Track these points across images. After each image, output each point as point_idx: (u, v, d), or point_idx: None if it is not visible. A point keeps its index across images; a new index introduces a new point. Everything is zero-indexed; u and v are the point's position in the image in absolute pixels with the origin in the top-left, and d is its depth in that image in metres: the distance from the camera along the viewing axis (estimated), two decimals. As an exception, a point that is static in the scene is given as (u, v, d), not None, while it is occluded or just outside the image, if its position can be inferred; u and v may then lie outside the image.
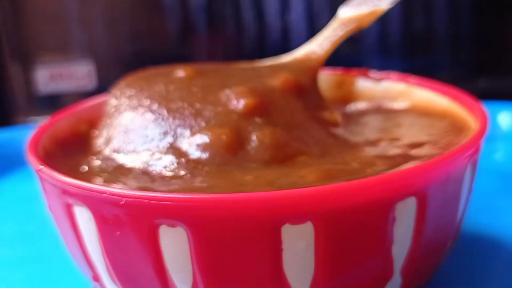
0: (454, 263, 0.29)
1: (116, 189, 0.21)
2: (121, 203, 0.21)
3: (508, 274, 0.30)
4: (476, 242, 0.32)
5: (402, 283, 0.24)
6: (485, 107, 0.28)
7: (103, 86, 0.54)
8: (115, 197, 0.21)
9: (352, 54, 0.57)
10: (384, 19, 0.55)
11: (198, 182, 0.24)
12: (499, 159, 0.43)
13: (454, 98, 0.30)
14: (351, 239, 0.21)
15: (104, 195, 0.21)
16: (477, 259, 0.30)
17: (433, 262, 0.25)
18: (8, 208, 0.40)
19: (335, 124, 0.30)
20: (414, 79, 0.33)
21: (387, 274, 0.23)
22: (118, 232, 0.22)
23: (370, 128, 0.31)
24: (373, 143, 0.28)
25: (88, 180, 0.25)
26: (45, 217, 0.30)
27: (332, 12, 0.54)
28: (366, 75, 0.35)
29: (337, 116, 0.31)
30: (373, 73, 0.35)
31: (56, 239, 0.28)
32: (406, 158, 0.26)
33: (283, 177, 0.24)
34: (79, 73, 0.54)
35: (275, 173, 0.25)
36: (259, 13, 0.55)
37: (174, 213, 0.21)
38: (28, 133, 0.47)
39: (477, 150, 0.24)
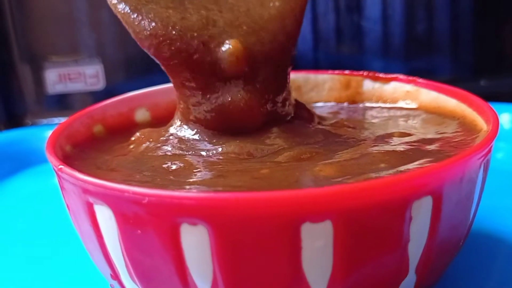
0: (461, 260, 0.29)
1: (138, 188, 0.22)
2: (144, 202, 0.21)
3: (509, 268, 0.30)
4: (480, 240, 0.32)
5: (417, 280, 0.24)
6: (494, 109, 0.28)
7: (111, 87, 0.55)
8: (137, 196, 0.21)
9: (354, 55, 0.57)
10: (386, 21, 0.55)
11: (215, 175, 0.25)
12: (501, 159, 0.44)
13: (463, 99, 0.31)
14: (369, 237, 0.22)
15: (126, 194, 0.22)
16: (481, 257, 0.31)
17: (447, 259, 0.26)
18: (18, 207, 0.41)
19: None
20: (422, 80, 0.34)
21: (403, 272, 0.23)
22: (139, 231, 0.22)
23: (379, 125, 0.32)
24: (383, 138, 0.29)
25: (106, 175, 0.25)
26: (58, 214, 0.30)
27: (336, 14, 0.55)
28: (373, 77, 0.35)
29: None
30: (381, 75, 0.35)
31: (70, 236, 0.28)
32: (418, 154, 0.26)
33: (298, 171, 0.25)
34: (87, 74, 0.54)
35: (290, 167, 0.25)
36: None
37: (196, 212, 0.21)
38: (37, 133, 0.48)
39: (490, 150, 0.25)
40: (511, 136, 0.46)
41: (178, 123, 0.29)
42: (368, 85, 0.35)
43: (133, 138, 0.30)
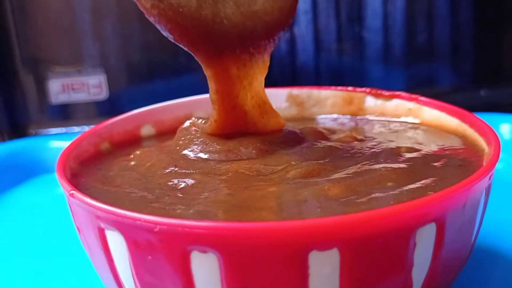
0: (462, 275, 0.30)
1: (149, 216, 0.22)
2: (155, 230, 0.22)
3: (509, 281, 0.31)
4: (481, 254, 0.32)
5: (420, 303, 0.25)
6: (495, 131, 0.29)
7: (114, 96, 0.55)
8: (149, 224, 0.22)
9: (355, 65, 0.57)
10: (386, 31, 0.56)
11: (224, 193, 0.26)
12: (501, 170, 0.44)
13: (464, 119, 0.31)
14: (374, 264, 0.22)
15: (138, 222, 0.22)
16: (482, 270, 0.31)
17: (449, 280, 0.26)
18: (22, 217, 0.41)
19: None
20: (424, 98, 0.34)
21: (406, 296, 0.24)
22: (150, 257, 0.23)
23: (386, 138, 0.32)
24: (390, 154, 0.29)
25: (114, 197, 0.26)
26: (62, 225, 0.30)
27: (337, 25, 0.55)
28: (376, 94, 0.36)
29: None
30: (383, 92, 0.35)
31: (75, 247, 0.29)
32: (424, 172, 0.27)
33: (306, 190, 0.25)
34: (90, 84, 0.54)
35: (298, 185, 0.26)
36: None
37: (206, 240, 0.21)
38: (41, 143, 0.48)
39: (491, 175, 0.25)
40: (511, 147, 0.46)
41: (187, 141, 0.30)
42: (370, 102, 0.36)
43: (131, 156, 0.31)
